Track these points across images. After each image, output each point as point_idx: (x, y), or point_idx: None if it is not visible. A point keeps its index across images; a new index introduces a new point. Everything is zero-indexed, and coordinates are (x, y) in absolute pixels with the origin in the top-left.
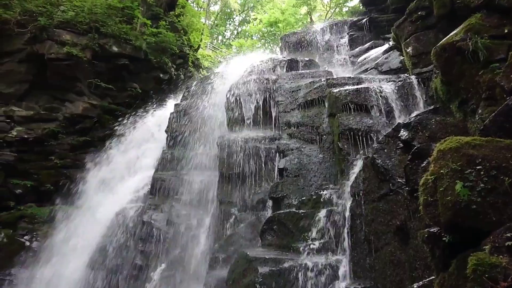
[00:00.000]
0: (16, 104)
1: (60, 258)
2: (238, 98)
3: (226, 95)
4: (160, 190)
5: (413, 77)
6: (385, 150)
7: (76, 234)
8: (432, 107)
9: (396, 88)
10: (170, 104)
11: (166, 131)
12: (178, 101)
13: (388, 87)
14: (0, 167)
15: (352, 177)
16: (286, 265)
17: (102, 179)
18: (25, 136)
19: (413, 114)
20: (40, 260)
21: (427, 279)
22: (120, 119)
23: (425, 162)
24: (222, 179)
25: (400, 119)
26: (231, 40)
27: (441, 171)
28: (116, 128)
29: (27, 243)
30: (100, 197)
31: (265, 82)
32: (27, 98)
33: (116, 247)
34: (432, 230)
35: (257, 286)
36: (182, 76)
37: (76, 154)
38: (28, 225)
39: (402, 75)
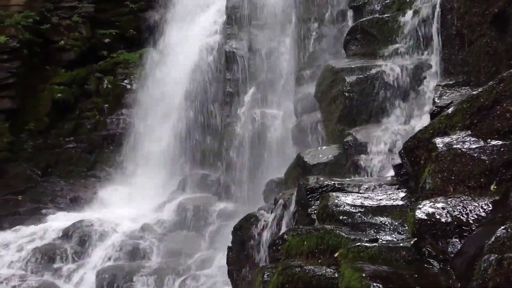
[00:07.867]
0: None
1: (158, 90)
2: None
3: None
4: (236, 18)
5: None
6: None
7: (168, 71)
8: None
9: None
10: None
11: None
12: None
13: None
14: (84, 19)
15: None
16: (373, 71)
17: (179, 16)
18: None
19: None
20: (141, 99)
21: None
22: None
23: None
24: None
25: None
26: None
27: None
28: None
29: (128, 86)
30: (181, 34)
31: None
32: None
33: (205, 79)
34: None
35: (346, 94)
36: None
37: None
38: (124, 70)
39: None
